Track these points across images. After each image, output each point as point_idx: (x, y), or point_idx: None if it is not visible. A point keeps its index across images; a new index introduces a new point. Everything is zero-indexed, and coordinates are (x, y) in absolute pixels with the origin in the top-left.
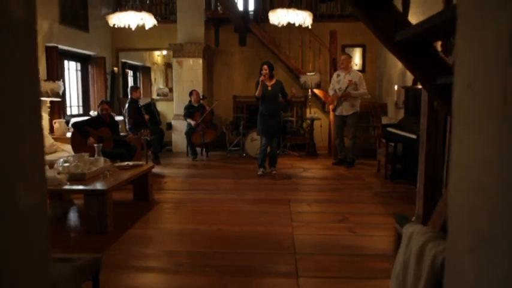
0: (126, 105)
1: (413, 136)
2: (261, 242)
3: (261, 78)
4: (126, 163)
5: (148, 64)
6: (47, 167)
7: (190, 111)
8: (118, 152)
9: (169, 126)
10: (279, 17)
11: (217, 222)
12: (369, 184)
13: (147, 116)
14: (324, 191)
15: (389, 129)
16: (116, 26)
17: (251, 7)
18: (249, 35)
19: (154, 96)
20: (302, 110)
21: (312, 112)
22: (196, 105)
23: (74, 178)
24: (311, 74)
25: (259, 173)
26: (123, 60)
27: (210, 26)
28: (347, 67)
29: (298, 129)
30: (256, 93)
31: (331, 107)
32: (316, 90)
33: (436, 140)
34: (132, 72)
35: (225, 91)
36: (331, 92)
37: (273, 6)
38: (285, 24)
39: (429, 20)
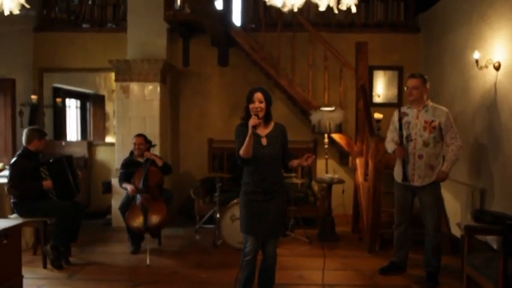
0: (13, 160)
1: None
2: None
3: (252, 121)
4: None
5: (102, 92)
6: None
7: (128, 171)
8: None
9: (108, 186)
10: None
11: None
12: None
13: (47, 182)
14: None
15: None
16: None
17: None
18: (233, 50)
19: (111, 138)
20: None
21: (331, 171)
22: (141, 160)
23: None
24: (328, 109)
25: None
26: (57, 86)
27: (176, 37)
28: (421, 99)
29: (306, 194)
30: (241, 152)
31: (355, 161)
32: (336, 136)
33: None
34: (79, 102)
35: (197, 132)
36: (390, 146)
37: (269, 14)
38: (299, 5)
39: None
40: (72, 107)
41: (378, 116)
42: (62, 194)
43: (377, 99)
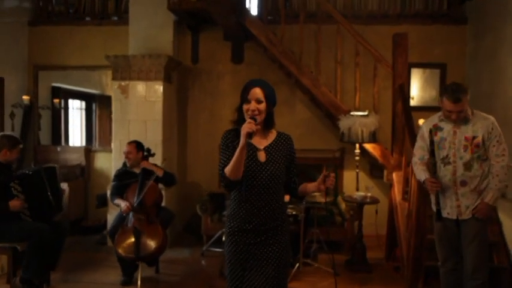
0: None
1: None
2: None
3: (246, 127)
4: None
5: (109, 92)
6: None
7: (121, 183)
8: None
9: (103, 200)
10: None
11: None
12: None
13: (14, 202)
14: None
15: None
16: None
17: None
18: (249, 45)
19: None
20: (335, 175)
21: (363, 188)
22: (137, 171)
23: None
24: (360, 114)
25: None
26: (56, 85)
27: (184, 31)
28: (461, 111)
29: (332, 213)
30: (228, 170)
31: (391, 176)
32: (369, 146)
33: None
34: (84, 104)
35: (207, 138)
36: (421, 173)
37: (290, 3)
38: None
39: None
40: (76, 108)
41: (423, 122)
42: (37, 213)
43: (411, 102)
